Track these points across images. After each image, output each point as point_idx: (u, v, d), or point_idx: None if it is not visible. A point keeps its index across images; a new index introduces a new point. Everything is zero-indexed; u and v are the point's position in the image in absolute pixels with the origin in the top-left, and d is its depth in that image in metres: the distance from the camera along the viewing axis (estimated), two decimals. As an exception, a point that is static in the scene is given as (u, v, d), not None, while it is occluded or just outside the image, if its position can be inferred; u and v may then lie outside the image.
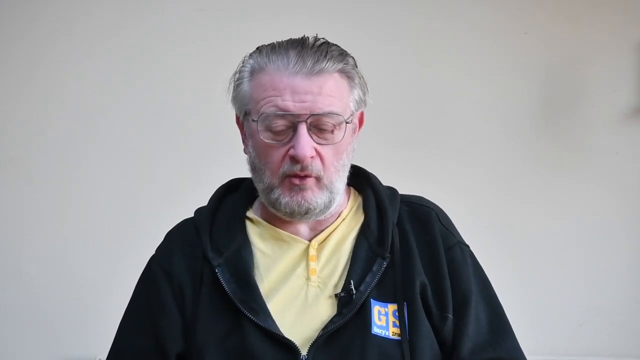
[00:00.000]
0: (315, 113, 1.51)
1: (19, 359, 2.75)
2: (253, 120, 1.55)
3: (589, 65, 2.82)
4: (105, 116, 2.78)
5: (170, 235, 1.67)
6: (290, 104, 1.51)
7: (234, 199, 1.67)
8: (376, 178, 1.67)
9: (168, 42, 2.79)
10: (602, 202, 2.82)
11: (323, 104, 1.51)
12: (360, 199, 1.66)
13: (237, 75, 1.59)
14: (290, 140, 1.52)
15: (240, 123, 1.63)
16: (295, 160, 1.52)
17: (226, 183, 1.70)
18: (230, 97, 1.61)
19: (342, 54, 1.56)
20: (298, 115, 1.51)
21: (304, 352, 1.49)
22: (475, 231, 1.85)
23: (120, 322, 1.63)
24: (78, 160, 2.77)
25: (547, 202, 2.82)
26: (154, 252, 1.66)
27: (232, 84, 1.60)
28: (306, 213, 1.55)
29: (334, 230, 1.61)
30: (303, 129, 1.51)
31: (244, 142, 1.62)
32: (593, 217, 2.82)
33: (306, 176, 1.53)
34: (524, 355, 1.60)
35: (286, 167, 1.53)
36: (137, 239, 2.59)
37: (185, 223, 1.67)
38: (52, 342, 2.74)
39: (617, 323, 2.80)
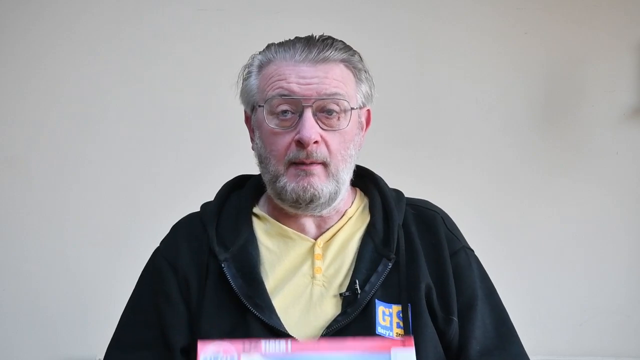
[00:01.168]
0: (321, 96, 1.53)
1: (19, 359, 2.74)
2: (259, 106, 1.56)
3: (589, 65, 2.81)
4: (105, 116, 2.78)
5: (175, 229, 1.67)
6: (295, 86, 1.53)
7: (240, 195, 1.67)
8: (383, 180, 1.68)
9: (168, 42, 2.79)
10: (602, 202, 2.81)
11: (329, 86, 1.54)
12: (366, 200, 1.67)
13: (245, 69, 1.61)
14: (296, 126, 1.53)
15: (249, 120, 1.63)
16: (300, 145, 1.53)
17: (232, 180, 1.71)
18: (238, 91, 1.63)
19: (347, 47, 1.59)
20: (304, 100, 1.52)
21: (308, 350, 1.50)
22: (475, 231, 1.85)
23: (123, 314, 1.63)
24: (78, 160, 2.77)
25: (546, 202, 2.82)
26: (158, 245, 1.66)
27: (241, 78, 1.62)
28: (311, 201, 1.55)
29: (339, 230, 1.61)
30: (308, 113, 1.53)
31: (251, 139, 1.63)
32: (593, 217, 2.82)
33: (312, 163, 1.54)
34: (529, 361, 1.60)
35: (292, 154, 1.54)
36: (137, 239, 2.58)
37: (191, 217, 1.67)
38: (52, 342, 2.73)
39: (617, 323, 2.80)
